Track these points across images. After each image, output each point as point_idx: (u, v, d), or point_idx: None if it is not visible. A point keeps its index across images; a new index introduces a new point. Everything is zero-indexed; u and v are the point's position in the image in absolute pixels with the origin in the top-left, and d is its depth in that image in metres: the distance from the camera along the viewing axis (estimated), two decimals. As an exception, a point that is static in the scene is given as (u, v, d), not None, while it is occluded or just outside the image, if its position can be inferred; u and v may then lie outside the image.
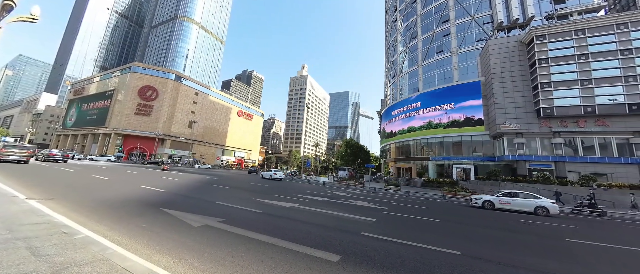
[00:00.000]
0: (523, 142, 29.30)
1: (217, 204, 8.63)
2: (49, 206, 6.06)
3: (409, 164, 41.96)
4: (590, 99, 26.65)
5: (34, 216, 5.01)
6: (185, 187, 13.29)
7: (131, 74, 64.27)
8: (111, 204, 7.27)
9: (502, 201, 14.55)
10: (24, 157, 19.29)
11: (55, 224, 4.66)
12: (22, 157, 19.13)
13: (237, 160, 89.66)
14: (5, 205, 5.62)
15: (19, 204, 5.85)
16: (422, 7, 45.32)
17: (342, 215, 8.66)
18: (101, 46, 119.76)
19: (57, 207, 6.21)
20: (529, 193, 15.50)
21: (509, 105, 30.37)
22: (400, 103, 45.05)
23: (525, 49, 31.29)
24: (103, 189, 10.31)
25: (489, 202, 14.81)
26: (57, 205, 6.44)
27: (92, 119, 68.73)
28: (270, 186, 19.16)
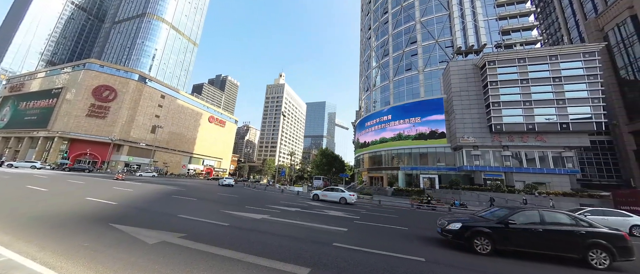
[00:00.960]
0: (479, 154, 32.55)
1: (178, 218, 7.94)
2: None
3: (381, 173, 43.59)
4: (530, 117, 30.87)
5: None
6: (142, 199, 12.03)
7: (85, 71, 57.66)
8: (47, 220, 6.25)
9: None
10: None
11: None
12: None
13: (206, 169, 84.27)
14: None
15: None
16: (393, 28, 48.96)
17: (315, 226, 8.59)
18: (50, 38, 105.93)
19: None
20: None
21: (466, 120, 33.70)
22: (373, 115, 47.17)
23: (479, 71, 35.38)
24: (38, 202, 8.85)
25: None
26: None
27: (31, 120, 59.46)
28: (241, 196, 18.28)
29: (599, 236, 6.12)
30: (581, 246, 6.10)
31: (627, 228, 12.37)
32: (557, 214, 6.79)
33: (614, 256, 5.91)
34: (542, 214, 6.72)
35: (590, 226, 6.37)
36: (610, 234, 6.15)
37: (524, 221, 6.61)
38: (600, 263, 5.97)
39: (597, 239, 6.06)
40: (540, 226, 6.43)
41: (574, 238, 6.20)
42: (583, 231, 6.25)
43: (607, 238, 6.06)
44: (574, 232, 6.27)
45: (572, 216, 6.64)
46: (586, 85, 29.84)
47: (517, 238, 6.44)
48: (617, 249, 5.94)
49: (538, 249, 6.36)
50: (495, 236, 6.48)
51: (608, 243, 5.99)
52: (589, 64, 30.24)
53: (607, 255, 5.97)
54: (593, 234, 6.15)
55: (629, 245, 6.02)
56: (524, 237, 6.42)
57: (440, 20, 43.20)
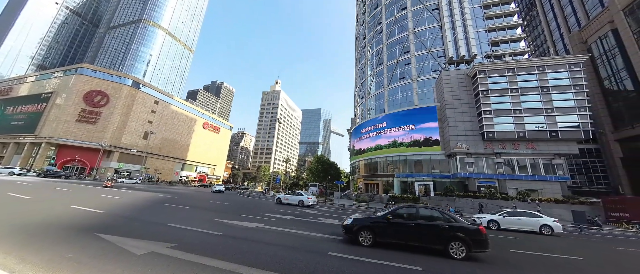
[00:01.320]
0: (472, 162, 32.94)
1: (169, 227, 7.69)
2: None
3: (376, 180, 43.55)
4: (521, 125, 31.61)
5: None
6: (132, 207, 11.64)
7: (77, 76, 56.73)
8: (28, 230, 5.96)
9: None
10: None
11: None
12: None
13: (199, 176, 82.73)
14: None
15: None
16: (387, 38, 50.11)
17: (310, 234, 8.43)
18: (42, 43, 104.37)
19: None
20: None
21: (459, 128, 34.27)
22: (369, 122, 47.54)
23: (471, 81, 36.28)
24: (21, 210, 8.45)
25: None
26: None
27: (18, 125, 57.72)
28: (235, 204, 17.90)
29: (458, 229, 6.81)
30: (444, 238, 6.80)
31: (537, 227, 13.97)
32: (430, 211, 7.53)
33: (470, 247, 6.60)
34: (417, 210, 7.55)
35: (454, 221, 7.07)
36: (468, 228, 6.82)
37: (399, 217, 7.45)
38: (458, 253, 6.60)
39: (456, 232, 6.77)
40: (413, 221, 7.25)
41: (438, 232, 6.92)
42: (446, 225, 6.94)
43: (465, 232, 6.75)
44: (438, 226, 6.99)
45: (441, 212, 7.37)
46: (573, 94, 30.89)
47: (393, 232, 7.25)
48: (472, 242, 6.63)
49: (410, 241, 7.15)
50: (376, 229, 7.29)
51: (465, 235, 6.69)
52: (574, 75, 31.41)
53: (464, 246, 6.61)
54: (454, 228, 6.85)
55: (483, 238, 6.69)
56: (399, 230, 7.23)
57: (432, 31, 44.49)
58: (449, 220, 7.10)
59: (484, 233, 6.76)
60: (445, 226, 6.95)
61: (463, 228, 6.81)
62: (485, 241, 6.69)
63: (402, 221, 7.34)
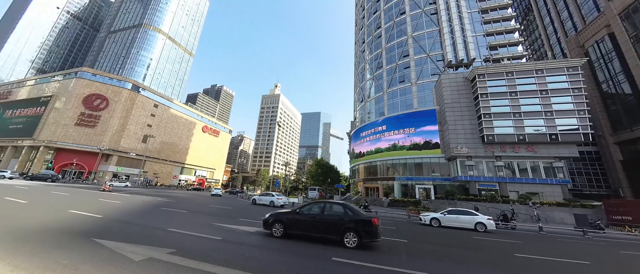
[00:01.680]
0: (472, 165, 32.86)
1: (168, 232, 7.54)
2: None
3: (377, 184, 43.34)
4: (521, 128, 31.63)
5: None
6: (130, 211, 11.46)
7: (77, 79, 56.75)
8: (23, 235, 5.80)
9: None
10: None
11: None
12: None
13: (198, 179, 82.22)
14: None
15: None
16: (386, 42, 50.50)
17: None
18: (42, 47, 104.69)
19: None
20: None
21: (459, 131, 34.27)
22: (368, 126, 47.55)
23: (470, 84, 36.44)
24: (16, 215, 8.28)
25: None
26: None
27: (17, 129, 57.46)
28: (234, 208, 17.70)
29: (352, 222, 7.46)
30: (340, 230, 7.40)
31: (473, 224, 15.11)
32: (334, 206, 8.21)
33: (361, 237, 7.24)
34: (324, 206, 8.18)
35: (354, 214, 7.70)
36: (360, 221, 7.45)
37: (307, 211, 8.15)
38: (351, 242, 7.24)
39: (350, 224, 7.40)
40: (318, 215, 7.93)
41: (336, 224, 7.54)
42: (344, 218, 7.59)
43: (358, 223, 7.39)
44: (337, 220, 7.64)
45: (345, 207, 8.02)
46: (572, 98, 31.00)
47: (301, 224, 7.93)
48: (363, 232, 7.27)
49: (313, 233, 7.79)
50: (287, 223, 8.03)
51: (357, 227, 7.32)
52: (573, 78, 31.60)
53: (356, 236, 7.25)
54: (349, 220, 7.49)
55: (373, 229, 7.33)
56: (306, 223, 7.90)
57: (431, 35, 44.87)
58: (348, 214, 7.73)
59: (375, 224, 7.39)
60: (343, 218, 7.59)
61: (356, 220, 7.45)
62: (375, 232, 7.33)
63: (308, 215, 8.06)
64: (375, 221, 7.43)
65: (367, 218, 7.53)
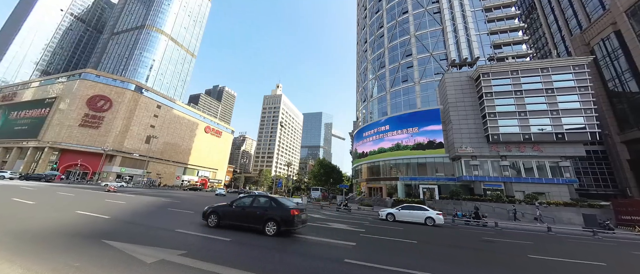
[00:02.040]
0: (477, 164, 32.57)
1: (176, 233, 7.47)
2: None
3: (380, 184, 43.14)
4: (526, 128, 31.30)
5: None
6: (135, 212, 11.43)
7: (81, 81, 57.13)
8: (33, 236, 5.76)
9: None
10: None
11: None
12: None
13: (201, 180, 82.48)
14: None
15: None
16: (389, 41, 50.28)
17: (322, 240, 8.17)
18: (47, 49, 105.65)
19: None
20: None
21: (464, 131, 34.00)
22: (371, 125, 47.35)
23: (474, 83, 36.16)
24: (25, 216, 8.26)
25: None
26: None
27: (22, 130, 57.97)
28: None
29: (273, 212, 8.37)
30: (263, 220, 8.30)
31: (423, 219, 16.43)
32: (262, 199, 9.07)
33: (279, 225, 8.09)
34: (254, 199, 9.11)
35: (277, 206, 8.59)
36: (279, 211, 8.35)
37: (239, 204, 9.08)
38: (270, 231, 8.10)
39: (271, 215, 8.33)
40: (248, 208, 8.88)
41: (261, 215, 8.43)
42: (268, 210, 8.52)
43: (277, 214, 8.28)
44: (262, 211, 8.56)
45: (271, 200, 8.89)
46: (578, 96, 30.63)
47: (232, 216, 8.85)
48: (281, 221, 8.12)
49: (243, 223, 8.67)
50: (221, 214, 8.96)
51: (276, 217, 8.21)
52: (579, 76, 31.23)
53: (275, 225, 8.12)
54: (272, 211, 8.40)
55: (290, 218, 8.13)
56: (236, 215, 8.84)
57: (434, 34, 44.60)
58: (272, 206, 8.64)
59: (293, 215, 8.20)
60: (267, 210, 8.51)
61: (276, 211, 8.42)
62: (291, 221, 8.16)
63: (239, 208, 8.96)
64: (293, 212, 8.25)
65: (286, 210, 8.35)
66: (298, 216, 8.38)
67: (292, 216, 8.18)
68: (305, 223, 9.19)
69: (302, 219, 8.74)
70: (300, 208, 9.00)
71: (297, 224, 8.42)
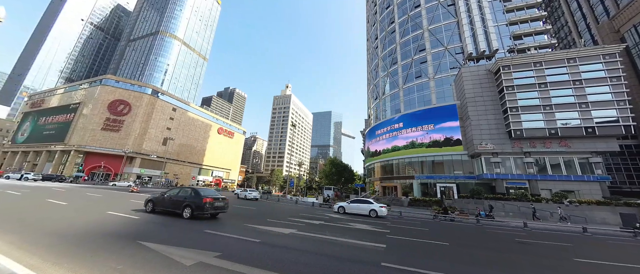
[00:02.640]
0: (499, 162, 31.16)
1: (205, 233, 7.47)
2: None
3: (394, 183, 42.29)
4: (552, 122, 29.59)
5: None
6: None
7: (102, 86, 59.82)
8: (73, 238, 5.89)
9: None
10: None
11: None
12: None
13: (215, 180, 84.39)
14: None
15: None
16: (400, 37, 49.12)
17: (350, 242, 7.93)
18: (69, 57, 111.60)
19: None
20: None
21: (483, 126, 32.62)
22: (384, 123, 46.48)
23: (493, 77, 34.62)
24: (60, 217, 8.57)
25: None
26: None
27: (50, 135, 61.47)
28: (259, 209, 17.72)
29: (190, 200, 10.40)
30: (182, 206, 10.36)
31: (367, 211, 18.34)
32: (185, 190, 11.26)
33: (193, 211, 10.11)
34: (178, 191, 11.33)
35: (195, 195, 10.58)
36: (193, 200, 10.35)
37: (168, 195, 11.29)
38: (185, 214, 10.18)
39: (188, 202, 10.34)
40: (174, 197, 10.96)
41: (181, 202, 10.51)
42: (187, 198, 10.53)
43: (192, 201, 10.31)
44: (182, 199, 10.63)
45: (191, 191, 10.92)
46: (609, 87, 28.60)
47: (162, 203, 11.13)
48: (195, 208, 10.12)
49: (169, 208, 10.89)
50: (155, 202, 11.26)
51: (191, 203, 10.23)
52: (610, 66, 29.14)
53: (190, 210, 10.15)
54: (189, 200, 10.45)
55: (202, 205, 10.12)
56: (165, 202, 11.08)
57: (448, 27, 43.10)
58: (191, 196, 10.66)
59: (204, 202, 10.18)
60: (186, 199, 10.53)
61: (192, 201, 10.34)
62: (202, 207, 10.12)
63: (168, 197, 11.15)
64: (205, 200, 10.21)
65: (200, 198, 10.32)
66: (211, 203, 10.35)
67: (203, 203, 10.12)
68: (222, 209, 11.15)
69: (215, 206, 10.62)
70: (215, 197, 10.76)
71: (209, 210, 10.33)
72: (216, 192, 11.88)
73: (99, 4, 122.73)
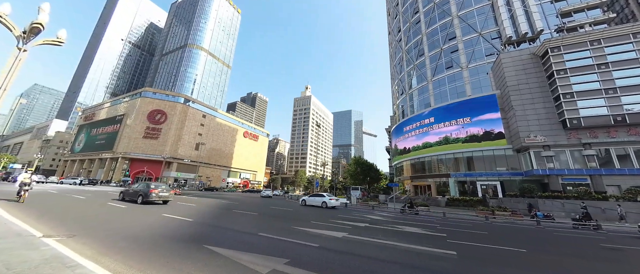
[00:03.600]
0: (552, 155, 27.74)
1: (261, 237, 7.33)
2: (73, 248, 4.91)
3: (427, 181, 40.00)
4: (618, 108, 25.58)
5: (64, 269, 3.84)
6: (209, 214, 11.98)
7: (141, 98, 65.34)
8: (145, 241, 6.06)
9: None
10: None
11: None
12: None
13: (243, 182, 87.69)
14: (20, 251, 4.45)
15: (37, 248, 4.68)
16: (426, 27, 46.48)
17: (412, 247, 7.26)
18: (113, 74, 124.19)
19: (82, 249, 5.04)
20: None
21: (530, 117, 29.34)
22: (413, 119, 44.28)
23: (539, 61, 31.05)
24: (123, 219, 9.10)
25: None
26: (81, 246, 5.27)
27: (101, 144, 68.68)
28: (296, 210, 17.65)
29: (140, 193, 14.92)
30: (137, 196, 14.94)
31: (320, 203, 22.14)
32: (141, 185, 15.92)
33: (144, 198, 14.53)
34: (139, 186, 15.63)
35: (147, 187, 14.93)
36: (144, 192, 14.79)
37: (131, 189, 15.97)
38: (139, 201, 14.65)
39: (139, 194, 14.91)
40: (136, 189, 15.48)
41: (138, 193, 15.02)
42: (141, 191, 15.04)
43: (142, 193, 14.82)
44: (138, 191, 15.17)
45: (144, 186, 15.30)
46: (694, 62, 23.95)
47: (128, 194, 15.88)
48: (144, 196, 14.58)
49: (131, 198, 15.42)
50: (124, 193, 16.27)
51: (142, 193, 14.81)
52: (693, 37, 24.40)
53: (141, 198, 14.61)
54: (142, 191, 14.89)
55: (149, 194, 14.41)
56: (129, 194, 15.80)
57: (481, 11, 39.74)
58: (144, 188, 15.06)
59: (151, 192, 14.55)
60: (141, 191, 14.94)
61: (142, 192, 14.79)
62: (147, 194, 14.52)
63: (133, 190, 15.72)
64: (151, 191, 14.62)
65: (148, 188, 14.74)
66: (156, 194, 14.65)
67: (149, 192, 14.49)
68: (165, 200, 15.18)
69: (160, 196, 14.84)
70: (159, 187, 15.19)
71: (154, 198, 14.50)
72: (165, 186, 16.02)
73: (135, 24, 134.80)
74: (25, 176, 11.90)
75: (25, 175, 12.36)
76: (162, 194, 14.89)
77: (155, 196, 14.46)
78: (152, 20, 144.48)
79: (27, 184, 11.40)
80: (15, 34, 12.96)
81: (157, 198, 14.66)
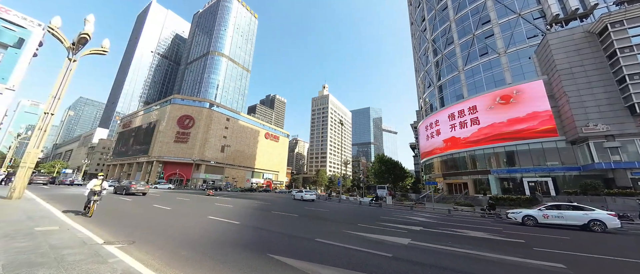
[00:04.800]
0: (617, 147, 24.11)
1: (321, 243, 6.67)
2: (137, 258, 4.57)
3: (463, 179, 37.21)
4: None
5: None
6: (250, 216, 11.68)
7: (171, 105, 69.17)
8: (207, 249, 5.66)
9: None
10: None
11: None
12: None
13: (266, 182, 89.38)
14: (90, 266, 4.17)
15: (106, 261, 4.35)
16: (455, 13, 43.28)
17: (507, 258, 6.10)
18: (145, 84, 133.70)
19: (146, 258, 4.70)
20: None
21: (588, 104, 25.79)
22: (443, 112, 41.50)
23: (596, 39, 27.20)
24: (175, 223, 8.98)
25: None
26: (144, 254, 4.95)
27: (138, 149, 73.90)
28: (330, 211, 16.96)
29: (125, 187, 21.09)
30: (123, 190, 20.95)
31: (300, 197, 27.21)
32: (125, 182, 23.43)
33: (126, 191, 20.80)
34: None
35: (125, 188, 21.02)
36: (127, 186, 21.04)
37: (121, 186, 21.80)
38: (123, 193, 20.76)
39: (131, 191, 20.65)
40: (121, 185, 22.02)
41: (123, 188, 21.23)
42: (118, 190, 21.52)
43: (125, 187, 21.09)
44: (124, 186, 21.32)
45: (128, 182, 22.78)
46: None
47: (118, 189, 21.76)
48: (126, 190, 20.76)
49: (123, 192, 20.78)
50: (116, 188, 22.16)
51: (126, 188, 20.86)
52: None
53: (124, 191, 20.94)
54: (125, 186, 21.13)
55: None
56: (119, 188, 21.64)
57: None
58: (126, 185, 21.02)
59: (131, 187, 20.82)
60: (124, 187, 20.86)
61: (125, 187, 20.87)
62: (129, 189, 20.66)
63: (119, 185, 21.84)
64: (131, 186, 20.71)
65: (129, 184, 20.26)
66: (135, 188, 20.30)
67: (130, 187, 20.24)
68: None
69: (138, 189, 20.33)
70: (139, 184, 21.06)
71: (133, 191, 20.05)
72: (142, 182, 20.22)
73: (163, 36, 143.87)
74: (96, 183, 9.05)
75: (95, 181, 9.12)
76: (139, 188, 20.95)
77: (134, 190, 20.35)
78: (177, 31, 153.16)
79: (96, 192, 8.78)
80: (65, 45, 13.59)
81: (136, 191, 20.60)
